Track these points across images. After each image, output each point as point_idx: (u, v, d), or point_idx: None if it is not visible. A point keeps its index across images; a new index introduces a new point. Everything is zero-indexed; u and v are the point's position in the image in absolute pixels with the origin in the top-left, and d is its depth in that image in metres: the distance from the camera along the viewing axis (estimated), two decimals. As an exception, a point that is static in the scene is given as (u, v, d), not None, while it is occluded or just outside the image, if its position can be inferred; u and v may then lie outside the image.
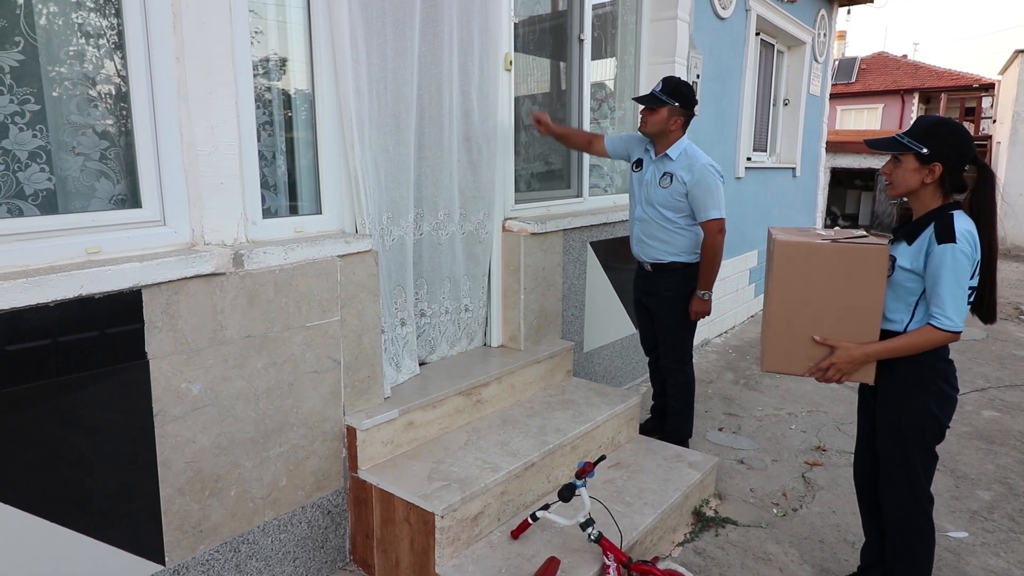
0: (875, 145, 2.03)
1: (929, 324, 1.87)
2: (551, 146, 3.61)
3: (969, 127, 13.65)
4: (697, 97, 3.55)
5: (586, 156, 3.67)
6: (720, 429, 3.73)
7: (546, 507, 2.25)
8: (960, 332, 1.86)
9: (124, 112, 1.82)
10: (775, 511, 2.89)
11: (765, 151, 6.40)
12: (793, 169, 6.73)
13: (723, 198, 2.84)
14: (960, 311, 1.84)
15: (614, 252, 3.79)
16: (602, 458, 2.22)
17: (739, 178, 5.45)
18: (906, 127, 2.19)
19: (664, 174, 2.91)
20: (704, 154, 2.91)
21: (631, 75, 4.11)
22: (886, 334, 1.99)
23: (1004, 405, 4.18)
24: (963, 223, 1.85)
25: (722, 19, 4.72)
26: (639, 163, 3.07)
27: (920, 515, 2.07)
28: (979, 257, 1.86)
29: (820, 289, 1.97)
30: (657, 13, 4.05)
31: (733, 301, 5.80)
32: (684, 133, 2.94)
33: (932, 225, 1.88)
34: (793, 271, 2.00)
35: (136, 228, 1.81)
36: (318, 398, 2.20)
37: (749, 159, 5.70)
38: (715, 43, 4.69)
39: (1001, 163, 11.32)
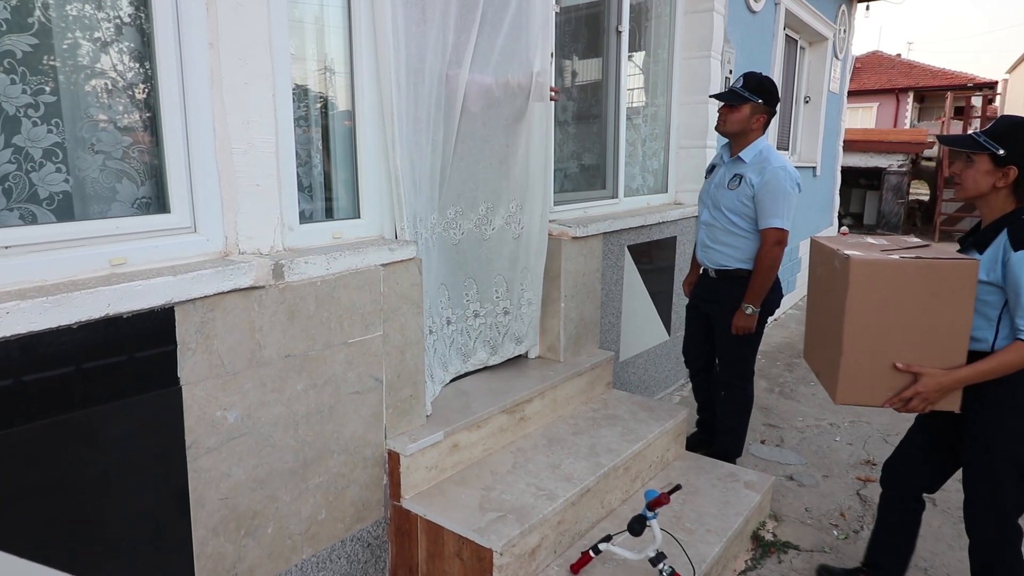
0: (948, 142, 1.93)
1: (1018, 339, 1.71)
2: (584, 143, 3.42)
3: (958, 127, 13.49)
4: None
5: (621, 153, 3.48)
6: (763, 442, 3.55)
7: (608, 538, 2.07)
8: None
9: (150, 105, 1.62)
10: (836, 533, 2.71)
11: (787, 150, 6.23)
12: (814, 168, 6.56)
13: (792, 208, 2.65)
14: None
15: (650, 256, 3.60)
16: (677, 487, 2.03)
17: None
18: (901, 125, 2.10)
19: (734, 176, 2.73)
20: (781, 156, 2.73)
21: (664, 69, 3.92)
22: (971, 355, 1.80)
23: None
24: None
25: (754, 12, 4.53)
26: (711, 169, 2.92)
27: (1007, 550, 1.90)
28: None
29: (902, 311, 1.79)
30: (693, 5, 3.86)
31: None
32: (764, 133, 2.76)
33: (1006, 231, 1.74)
34: (871, 292, 1.80)
35: (164, 236, 1.60)
36: (359, 421, 1.99)
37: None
38: (746, 37, 4.50)
39: None
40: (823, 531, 2.72)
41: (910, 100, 19.25)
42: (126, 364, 1.43)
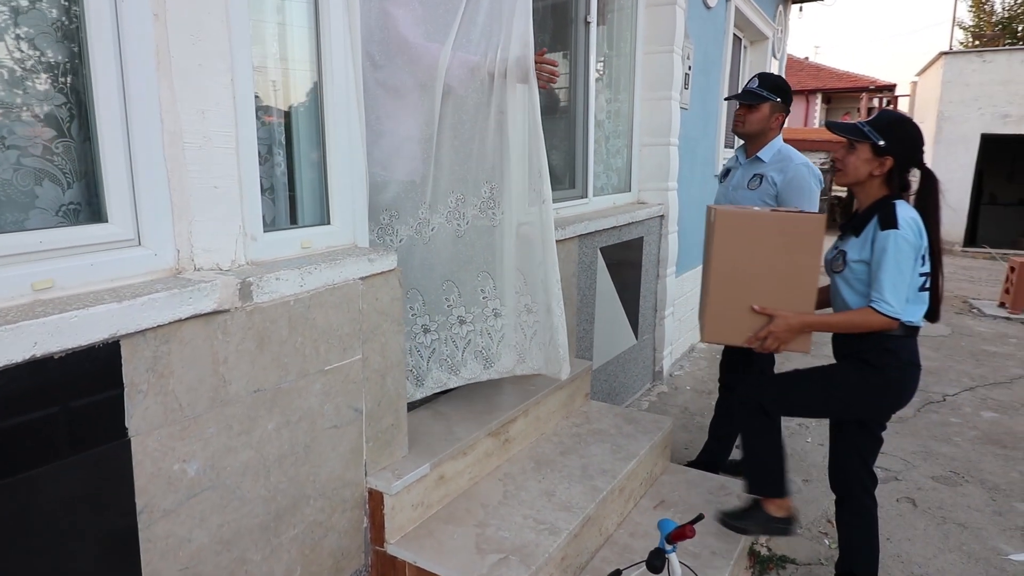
0: (836, 128, 2.05)
1: (869, 306, 1.89)
2: (552, 140, 3.23)
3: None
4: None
5: (591, 150, 3.32)
6: (737, 447, 3.47)
7: (617, 573, 1.88)
8: (898, 319, 1.87)
9: (76, 89, 1.30)
10: (827, 542, 2.64)
11: (732, 148, 6.27)
12: (757, 166, 6.64)
13: (816, 204, 2.55)
14: (898, 297, 1.86)
15: (620, 258, 3.45)
16: (700, 517, 1.86)
17: (717, 175, 5.25)
18: (810, 125, 2.39)
19: (754, 176, 2.61)
20: (800, 154, 2.63)
21: (627, 64, 3.79)
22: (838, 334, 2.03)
23: (998, 405, 4.15)
24: (906, 211, 1.89)
25: (709, 8, 4.48)
26: (726, 173, 2.81)
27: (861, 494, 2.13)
28: (926, 244, 1.90)
29: (759, 258, 2.01)
30: (655, -2, 3.74)
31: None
32: (780, 132, 2.66)
33: (877, 216, 1.91)
34: (733, 241, 2.02)
35: (101, 251, 1.29)
36: (337, 459, 1.73)
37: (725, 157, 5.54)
38: (703, 34, 4.44)
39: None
40: (814, 540, 2.65)
41: (818, 101, 20.25)
42: (59, 417, 1.12)
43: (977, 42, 16.78)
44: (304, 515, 1.65)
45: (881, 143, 1.91)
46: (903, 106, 16.27)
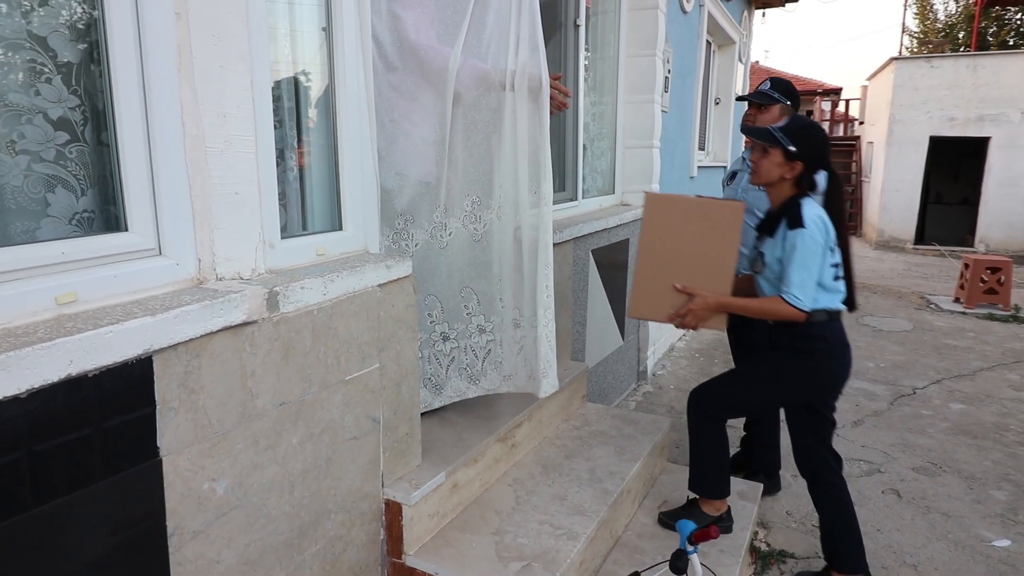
0: (750, 133, 2.17)
1: (779, 296, 2.00)
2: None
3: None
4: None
5: (580, 152, 3.33)
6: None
7: (635, 575, 1.89)
8: (805, 311, 1.97)
9: (90, 92, 1.24)
10: (822, 536, 2.70)
11: (703, 150, 6.38)
12: (725, 167, 6.77)
13: None
14: (805, 290, 1.96)
15: (609, 260, 3.47)
16: (722, 518, 1.88)
17: (692, 177, 5.34)
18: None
19: None
20: None
21: (611, 67, 3.81)
22: (769, 326, 2.13)
23: (965, 396, 4.33)
24: (812, 209, 2.01)
25: (685, 13, 4.55)
26: (732, 176, 2.86)
27: (827, 472, 2.24)
28: (833, 237, 2.03)
29: (683, 241, 2.11)
30: (638, 3, 3.78)
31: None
32: None
33: (785, 216, 2.03)
34: (659, 223, 2.14)
35: (122, 262, 1.23)
36: (356, 471, 1.68)
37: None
38: (680, 38, 4.51)
39: (878, 161, 12.30)
40: (810, 534, 2.71)
41: (766, 104, 20.84)
42: (92, 439, 1.06)
43: (923, 48, 17.49)
44: (325, 530, 1.60)
45: (792, 148, 2.01)
46: (854, 109, 16.84)
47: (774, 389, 2.20)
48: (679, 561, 1.74)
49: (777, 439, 2.98)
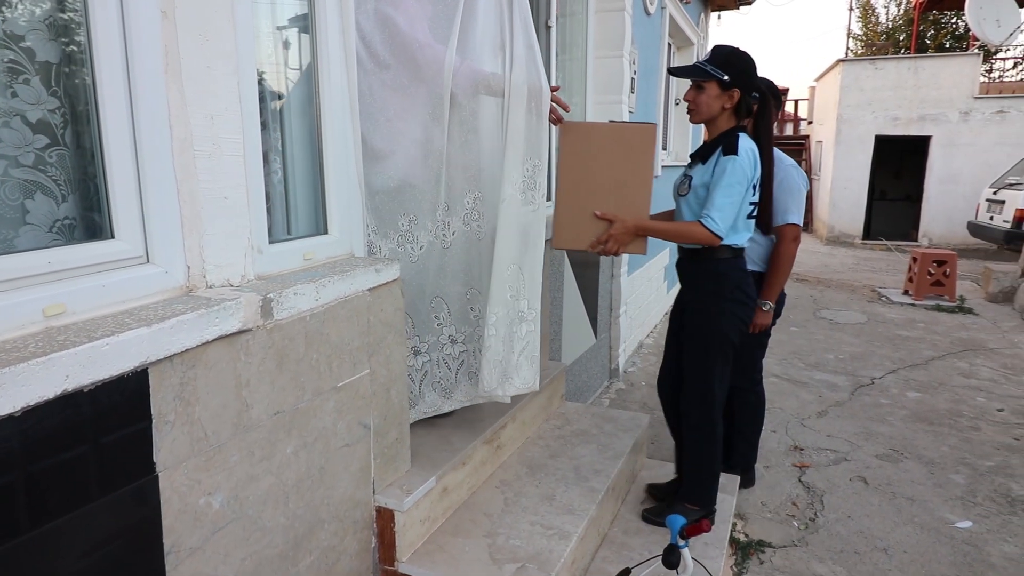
0: (679, 72, 2.17)
1: (699, 221, 2.03)
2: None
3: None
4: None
5: (554, 153, 3.33)
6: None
7: (626, 572, 1.91)
8: (720, 236, 2.02)
9: (70, 93, 1.18)
10: (796, 524, 2.78)
11: (665, 149, 6.49)
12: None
13: (803, 205, 2.65)
14: (724, 217, 2.00)
15: (582, 258, 3.50)
16: (711, 512, 1.91)
17: (657, 176, 5.42)
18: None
19: None
20: (788, 157, 2.72)
21: (579, 68, 3.84)
22: (690, 252, 2.19)
23: (920, 385, 4.51)
24: (747, 142, 2.06)
25: (649, 15, 4.61)
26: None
27: (711, 417, 2.25)
28: (759, 175, 2.10)
29: (598, 166, 2.09)
30: (604, 4, 3.82)
31: (654, 300, 5.79)
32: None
33: (721, 144, 2.06)
34: (575, 151, 2.11)
35: (110, 270, 1.18)
36: (349, 479, 1.66)
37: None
38: (644, 39, 4.57)
39: (827, 161, 12.71)
40: (784, 523, 2.78)
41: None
42: (88, 457, 1.01)
43: (867, 51, 18.14)
44: (319, 540, 1.57)
45: (725, 78, 2.04)
46: (802, 110, 17.38)
47: (723, 346, 2.19)
48: (671, 556, 1.76)
49: (758, 435, 3.05)
